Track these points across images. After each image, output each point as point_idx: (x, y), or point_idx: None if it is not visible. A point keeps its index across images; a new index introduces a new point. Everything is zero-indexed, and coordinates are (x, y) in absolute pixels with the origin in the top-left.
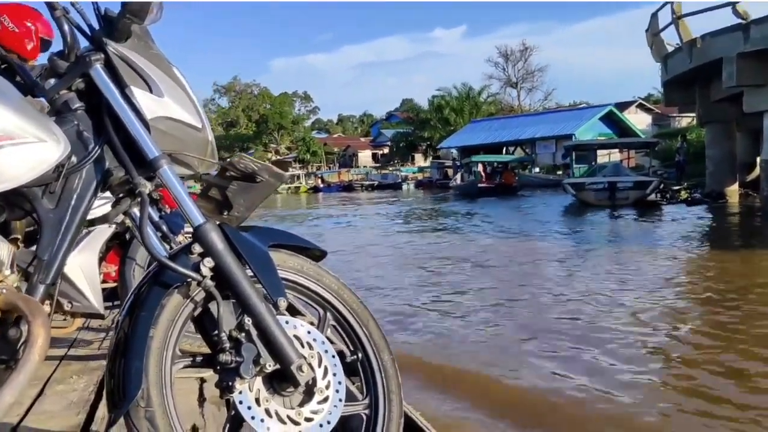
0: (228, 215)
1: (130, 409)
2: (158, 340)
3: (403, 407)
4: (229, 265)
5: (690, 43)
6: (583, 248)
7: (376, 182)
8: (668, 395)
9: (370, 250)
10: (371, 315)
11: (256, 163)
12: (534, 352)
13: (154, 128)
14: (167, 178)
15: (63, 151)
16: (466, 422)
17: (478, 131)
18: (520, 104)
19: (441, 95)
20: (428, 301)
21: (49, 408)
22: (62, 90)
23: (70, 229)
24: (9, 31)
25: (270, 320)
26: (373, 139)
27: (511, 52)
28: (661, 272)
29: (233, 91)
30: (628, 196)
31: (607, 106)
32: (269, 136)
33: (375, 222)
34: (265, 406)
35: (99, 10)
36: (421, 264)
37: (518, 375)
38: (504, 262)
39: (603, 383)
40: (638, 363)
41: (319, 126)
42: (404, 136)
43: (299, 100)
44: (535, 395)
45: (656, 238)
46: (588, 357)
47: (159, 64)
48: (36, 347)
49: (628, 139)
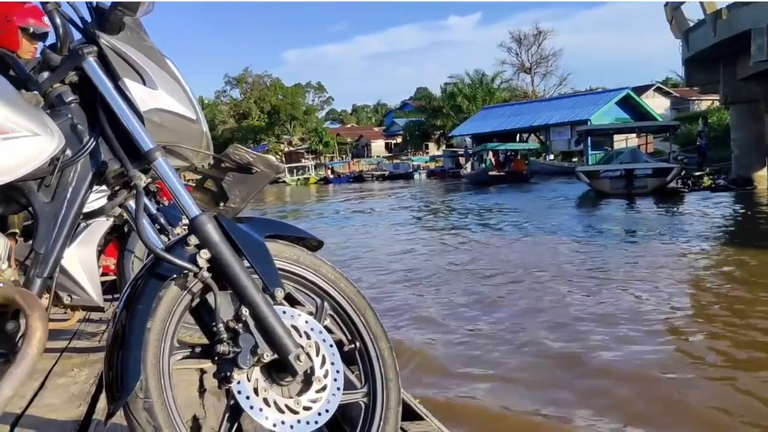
0: (224, 206)
1: (129, 400)
2: (156, 332)
3: (401, 395)
4: (225, 256)
5: (714, 14)
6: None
7: (387, 172)
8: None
9: (401, 267)
10: (368, 304)
11: (251, 154)
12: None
13: (148, 120)
14: (162, 170)
15: (57, 145)
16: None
17: (491, 118)
18: (534, 90)
19: (454, 82)
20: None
21: (50, 401)
22: (56, 83)
23: (66, 223)
24: None
25: (267, 310)
26: (386, 129)
27: (525, 37)
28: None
29: (245, 83)
30: (647, 185)
31: (624, 90)
32: (282, 127)
33: (390, 219)
34: (263, 396)
35: (91, 2)
36: (455, 281)
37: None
38: (502, 270)
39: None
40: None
41: (333, 116)
42: (417, 125)
43: (313, 90)
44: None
45: (683, 232)
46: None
47: (152, 56)
48: (34, 340)
49: (645, 123)
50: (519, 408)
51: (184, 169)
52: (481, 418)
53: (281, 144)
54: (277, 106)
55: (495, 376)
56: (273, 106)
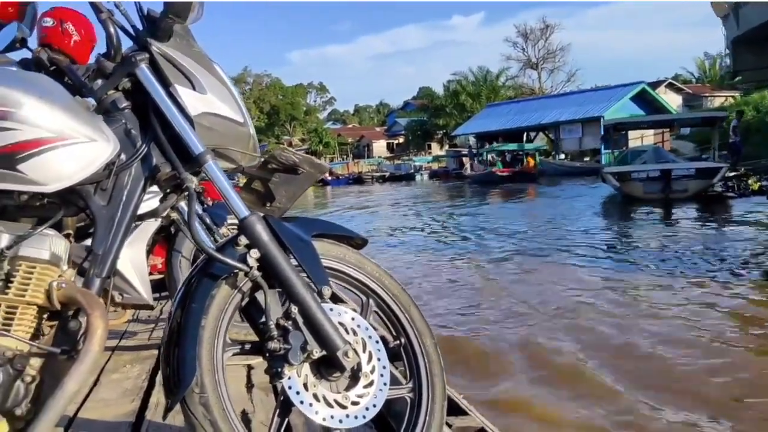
0: (270, 206)
1: (186, 395)
2: (210, 329)
3: (446, 390)
4: (274, 256)
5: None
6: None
7: (387, 173)
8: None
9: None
10: (412, 301)
11: (297, 155)
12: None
13: (198, 124)
14: (212, 172)
15: (113, 150)
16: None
17: (496, 116)
18: (541, 86)
19: (457, 80)
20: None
21: (105, 396)
22: (110, 90)
23: (122, 224)
24: (72, 36)
25: (315, 308)
26: (388, 129)
27: (531, 31)
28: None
29: (243, 82)
30: (687, 187)
31: (640, 84)
32: (281, 127)
33: (389, 242)
34: (312, 391)
35: (142, 11)
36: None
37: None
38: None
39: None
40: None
41: (335, 117)
42: (419, 125)
43: (314, 91)
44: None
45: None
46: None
47: (201, 62)
48: (96, 338)
49: (685, 115)
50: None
51: (233, 171)
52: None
53: (281, 145)
54: (276, 106)
55: None
56: (272, 106)
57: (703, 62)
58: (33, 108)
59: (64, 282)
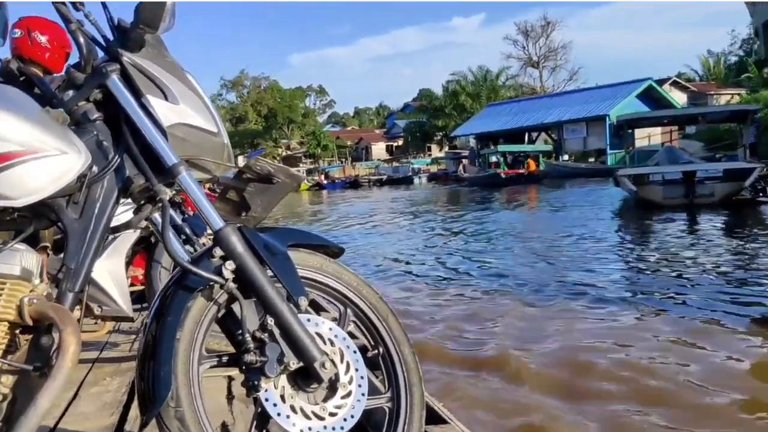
0: (246, 216)
1: (161, 410)
2: (185, 342)
3: (424, 398)
4: (249, 267)
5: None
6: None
7: (385, 176)
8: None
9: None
10: (390, 310)
11: (272, 165)
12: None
13: (171, 135)
14: (186, 183)
15: (84, 162)
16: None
17: (497, 116)
18: (543, 85)
19: (456, 80)
20: None
21: (84, 409)
22: (81, 101)
23: (95, 237)
24: (42, 46)
25: (292, 319)
26: (388, 131)
27: (532, 28)
28: None
29: (241, 85)
30: (713, 191)
31: (647, 81)
32: (279, 131)
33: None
34: (290, 403)
35: (113, 21)
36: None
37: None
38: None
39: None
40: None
41: (335, 119)
42: (418, 126)
43: (314, 93)
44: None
45: None
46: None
47: (173, 72)
48: (68, 354)
49: (711, 108)
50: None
51: (207, 181)
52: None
53: (279, 148)
54: (274, 109)
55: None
56: (270, 109)
57: (707, 60)
58: (1, 121)
59: (35, 297)
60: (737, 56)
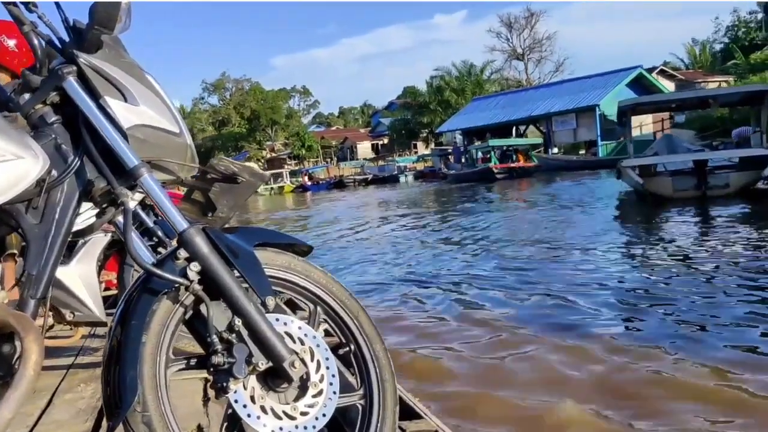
0: (212, 216)
1: (128, 415)
2: (151, 346)
3: (397, 394)
4: (215, 268)
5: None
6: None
7: (370, 176)
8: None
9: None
10: (361, 307)
11: (235, 164)
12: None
13: (131, 137)
14: (148, 186)
15: (42, 166)
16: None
17: (483, 110)
18: (529, 78)
19: (440, 75)
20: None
21: (58, 417)
22: (37, 105)
23: (56, 243)
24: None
25: (259, 319)
26: (372, 129)
27: (515, 20)
28: None
29: (223, 88)
30: (728, 182)
31: (636, 69)
32: (263, 133)
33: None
34: (260, 404)
35: (67, 22)
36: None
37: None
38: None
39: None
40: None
41: (320, 120)
42: (403, 123)
43: (298, 95)
44: None
45: None
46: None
47: (132, 73)
48: (30, 362)
49: (724, 90)
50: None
51: (171, 183)
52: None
53: (263, 150)
54: (257, 111)
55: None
56: (253, 111)
57: (693, 48)
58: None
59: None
60: (722, 43)
